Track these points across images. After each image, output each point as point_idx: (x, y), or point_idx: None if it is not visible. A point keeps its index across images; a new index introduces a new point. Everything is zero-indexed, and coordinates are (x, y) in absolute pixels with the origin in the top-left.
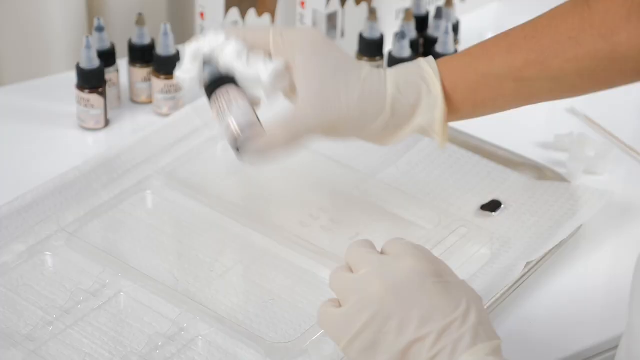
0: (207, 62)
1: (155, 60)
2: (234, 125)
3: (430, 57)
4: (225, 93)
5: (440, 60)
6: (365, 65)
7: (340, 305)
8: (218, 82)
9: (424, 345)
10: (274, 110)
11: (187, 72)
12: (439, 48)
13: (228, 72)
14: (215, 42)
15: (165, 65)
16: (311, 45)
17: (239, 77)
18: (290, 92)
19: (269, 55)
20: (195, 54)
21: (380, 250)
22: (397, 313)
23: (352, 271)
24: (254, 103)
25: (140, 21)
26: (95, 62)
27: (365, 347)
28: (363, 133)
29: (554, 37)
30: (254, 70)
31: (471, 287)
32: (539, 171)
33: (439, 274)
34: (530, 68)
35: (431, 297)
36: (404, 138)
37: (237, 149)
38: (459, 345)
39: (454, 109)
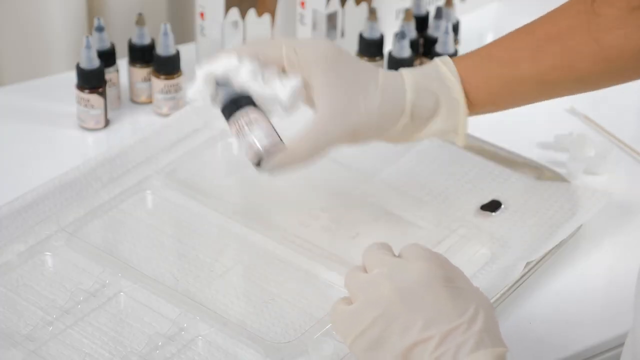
0: (221, 83)
1: (155, 60)
2: (256, 144)
3: (446, 57)
4: (245, 114)
5: (458, 60)
6: (380, 70)
7: (351, 303)
8: (236, 102)
9: (426, 348)
10: (293, 120)
11: (200, 94)
12: (439, 48)
13: (244, 92)
14: (228, 64)
15: (165, 65)
16: (326, 60)
17: (256, 97)
18: (307, 102)
19: (282, 69)
20: (207, 76)
21: (397, 254)
22: (402, 314)
23: (366, 272)
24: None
25: (140, 21)
26: (95, 62)
27: (370, 345)
28: (382, 137)
29: (579, 40)
30: (271, 90)
31: (485, 295)
32: (539, 171)
33: (450, 279)
34: (556, 72)
35: (438, 301)
36: (424, 139)
37: (259, 164)
38: (461, 349)
39: (472, 108)
